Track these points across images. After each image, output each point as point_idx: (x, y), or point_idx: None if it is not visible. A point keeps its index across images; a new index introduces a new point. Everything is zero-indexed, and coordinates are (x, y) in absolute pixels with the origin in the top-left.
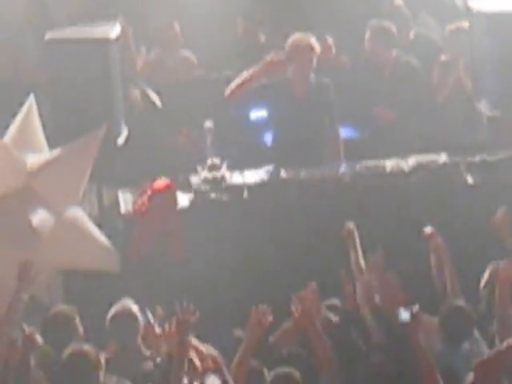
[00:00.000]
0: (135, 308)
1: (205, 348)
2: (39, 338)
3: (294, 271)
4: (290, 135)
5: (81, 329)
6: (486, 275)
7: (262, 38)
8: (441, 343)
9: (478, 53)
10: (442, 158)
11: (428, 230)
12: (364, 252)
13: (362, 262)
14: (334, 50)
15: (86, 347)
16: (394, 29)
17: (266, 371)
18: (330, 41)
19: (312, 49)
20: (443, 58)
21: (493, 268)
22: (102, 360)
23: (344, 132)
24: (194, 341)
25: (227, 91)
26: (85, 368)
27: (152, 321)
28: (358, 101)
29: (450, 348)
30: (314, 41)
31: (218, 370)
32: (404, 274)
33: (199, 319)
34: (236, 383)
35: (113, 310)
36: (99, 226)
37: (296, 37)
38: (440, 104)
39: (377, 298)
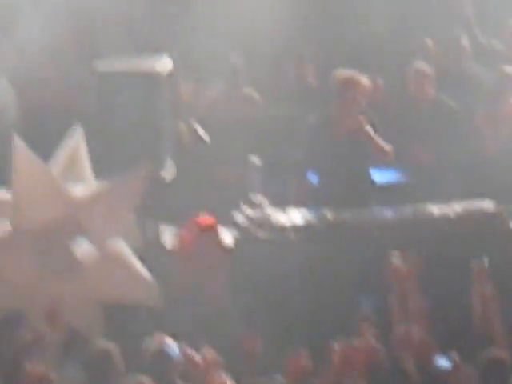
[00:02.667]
0: (172, 344)
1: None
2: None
3: (332, 314)
4: (334, 175)
5: (121, 365)
6: None
7: (312, 80)
8: None
9: None
10: (488, 205)
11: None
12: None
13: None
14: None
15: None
16: (432, 70)
17: None
18: (381, 82)
19: (359, 87)
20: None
21: None
22: None
23: (387, 175)
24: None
25: None
26: None
27: (191, 355)
28: (399, 141)
29: None
30: (360, 77)
31: None
32: (447, 320)
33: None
34: None
35: (150, 347)
36: (141, 259)
37: (342, 73)
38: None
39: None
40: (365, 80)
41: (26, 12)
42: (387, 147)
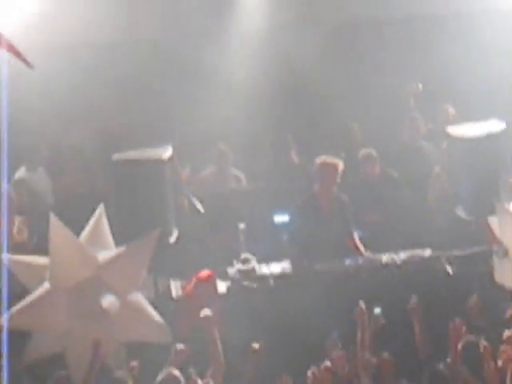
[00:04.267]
0: (178, 373)
1: None
2: None
3: (307, 344)
4: (314, 237)
5: None
6: None
7: (293, 157)
8: None
9: (456, 169)
10: (427, 252)
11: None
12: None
13: (366, 340)
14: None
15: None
16: (374, 153)
17: None
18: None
19: (336, 170)
20: (437, 169)
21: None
22: None
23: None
24: None
25: None
26: None
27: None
28: (357, 207)
29: None
30: (337, 161)
31: None
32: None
33: None
34: None
35: (160, 377)
36: (155, 307)
37: (323, 158)
38: (428, 207)
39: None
40: (340, 163)
41: (59, 116)
42: (361, 249)
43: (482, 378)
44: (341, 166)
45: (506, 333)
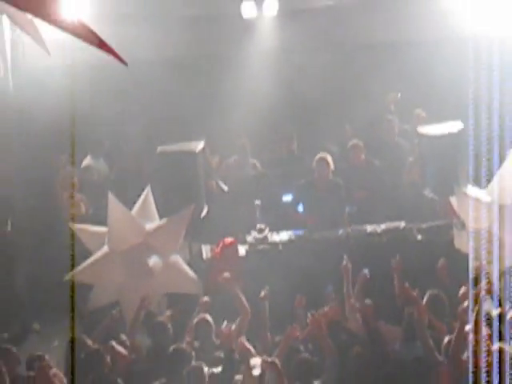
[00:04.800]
0: (209, 318)
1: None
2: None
3: (307, 295)
4: (312, 211)
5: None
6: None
7: (295, 150)
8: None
9: (424, 160)
10: (402, 224)
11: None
12: (353, 283)
13: (350, 289)
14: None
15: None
16: (361, 143)
17: None
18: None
19: (328, 163)
20: (410, 159)
21: None
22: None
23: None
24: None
25: None
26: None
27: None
28: (347, 188)
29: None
30: (328, 156)
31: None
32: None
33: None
34: None
35: (195, 320)
36: (189, 266)
37: (319, 155)
38: (403, 189)
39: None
40: (330, 157)
41: (116, 115)
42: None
43: (443, 321)
44: (330, 159)
45: (463, 289)
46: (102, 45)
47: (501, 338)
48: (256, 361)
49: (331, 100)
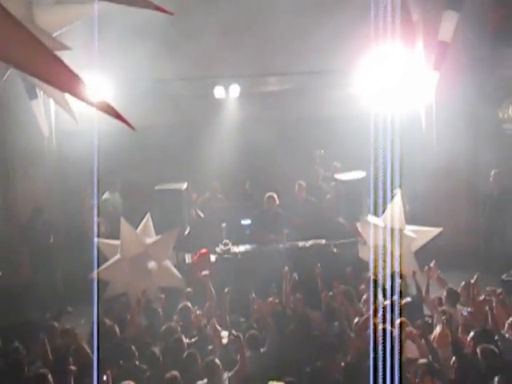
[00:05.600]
0: (189, 305)
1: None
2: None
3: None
4: (262, 231)
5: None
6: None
7: (248, 188)
8: None
9: (338, 197)
10: (323, 241)
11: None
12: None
13: (288, 287)
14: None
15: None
16: (304, 184)
17: None
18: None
19: (274, 199)
20: (328, 196)
21: None
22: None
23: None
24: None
25: None
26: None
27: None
28: (287, 216)
29: None
30: (274, 195)
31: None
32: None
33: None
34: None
35: (180, 306)
36: (176, 268)
37: (268, 194)
38: (323, 216)
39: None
40: (275, 195)
41: (126, 160)
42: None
43: (353, 307)
44: (275, 196)
45: (362, 286)
46: (118, 116)
47: (392, 320)
48: (224, 333)
49: (276, 154)
